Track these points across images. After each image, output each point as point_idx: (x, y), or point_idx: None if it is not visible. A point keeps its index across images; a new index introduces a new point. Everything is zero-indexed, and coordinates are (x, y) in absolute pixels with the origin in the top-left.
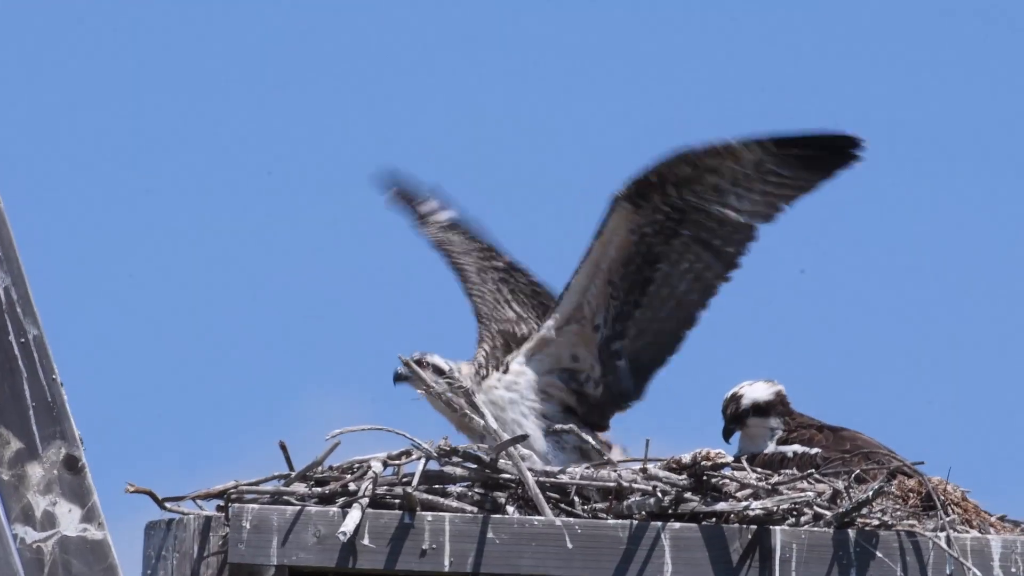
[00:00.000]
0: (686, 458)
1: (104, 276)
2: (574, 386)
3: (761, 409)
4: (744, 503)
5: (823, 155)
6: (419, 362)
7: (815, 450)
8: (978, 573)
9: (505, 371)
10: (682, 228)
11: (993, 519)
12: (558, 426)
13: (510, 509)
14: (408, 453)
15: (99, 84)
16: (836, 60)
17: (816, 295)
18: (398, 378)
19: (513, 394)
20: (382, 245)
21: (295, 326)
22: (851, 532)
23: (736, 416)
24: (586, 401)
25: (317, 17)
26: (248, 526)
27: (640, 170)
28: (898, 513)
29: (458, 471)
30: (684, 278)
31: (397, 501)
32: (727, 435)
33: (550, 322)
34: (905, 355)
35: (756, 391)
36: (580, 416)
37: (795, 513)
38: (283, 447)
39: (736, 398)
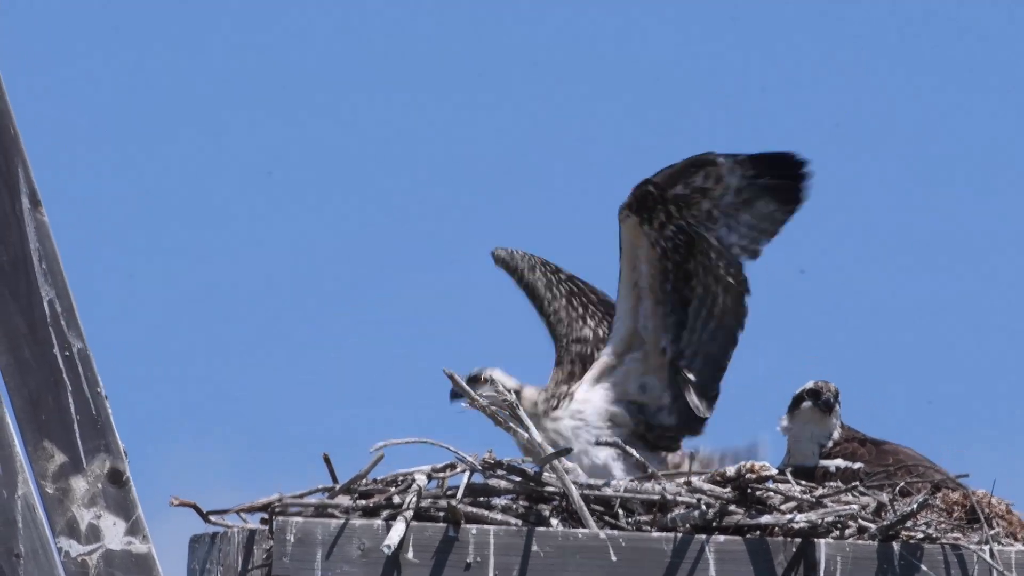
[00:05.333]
0: (731, 471)
1: (148, 288)
2: (643, 417)
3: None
4: (788, 516)
5: (780, 182)
6: (477, 377)
7: (858, 464)
8: None
9: (570, 401)
10: (695, 252)
11: None
12: (603, 438)
13: (554, 522)
14: (452, 466)
15: (136, 92)
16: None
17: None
18: (454, 396)
19: (578, 423)
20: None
21: (336, 345)
22: (895, 545)
23: (836, 395)
24: (658, 429)
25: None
26: (292, 539)
27: (638, 182)
28: (942, 526)
29: (502, 484)
30: (717, 298)
31: (442, 514)
32: (826, 409)
33: (608, 348)
34: (927, 357)
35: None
36: (650, 442)
37: (839, 526)
38: (327, 459)
39: (829, 384)
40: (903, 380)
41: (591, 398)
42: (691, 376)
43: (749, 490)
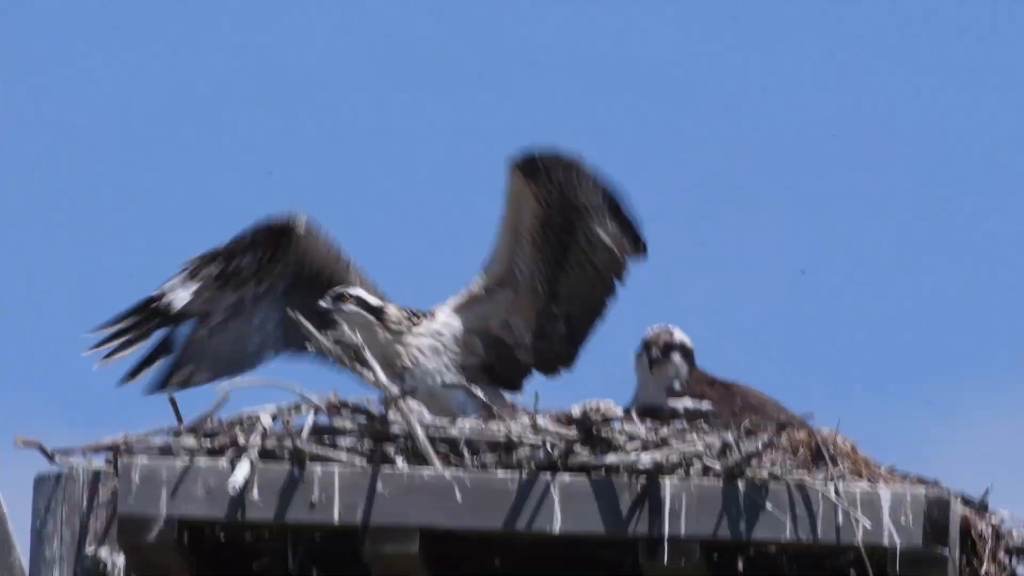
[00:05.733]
0: (576, 411)
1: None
2: (498, 351)
3: (685, 350)
4: (634, 455)
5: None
6: (341, 296)
7: (705, 404)
8: (868, 524)
9: (431, 320)
10: (576, 221)
11: (882, 470)
12: (449, 381)
13: (399, 461)
14: (298, 407)
15: (132, 93)
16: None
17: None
18: (323, 312)
19: (437, 343)
20: None
21: None
22: (740, 484)
23: (668, 347)
24: (509, 362)
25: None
26: (137, 479)
27: (531, 152)
28: (788, 465)
29: (347, 424)
30: (597, 253)
31: (287, 454)
32: (653, 366)
33: (478, 280)
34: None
35: (682, 333)
36: (497, 374)
37: (684, 465)
38: (172, 401)
39: (668, 331)
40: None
41: (451, 323)
42: (561, 321)
43: (594, 430)
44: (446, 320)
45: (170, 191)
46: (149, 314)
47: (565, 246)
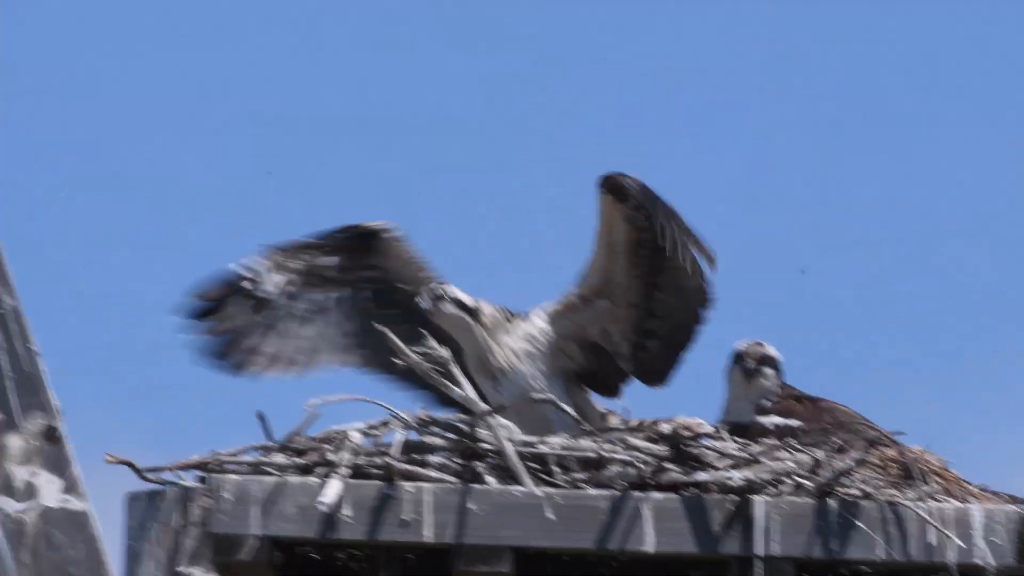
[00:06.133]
0: (665, 428)
1: (81, 246)
2: (596, 358)
3: (776, 364)
4: (724, 473)
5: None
6: (439, 294)
7: (795, 422)
8: (959, 542)
9: (527, 322)
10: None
11: (974, 489)
12: (535, 395)
13: (490, 479)
14: (386, 423)
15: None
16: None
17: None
18: (420, 309)
19: (532, 348)
20: None
21: None
22: (832, 502)
23: (762, 358)
24: (607, 368)
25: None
26: (229, 496)
27: (616, 174)
28: (878, 483)
29: (438, 441)
30: (687, 276)
31: (377, 471)
32: (747, 377)
33: (575, 290)
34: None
35: (772, 347)
36: (596, 381)
37: (776, 483)
38: (261, 417)
39: (760, 344)
40: (844, 336)
41: (546, 328)
42: (656, 337)
43: (685, 447)
44: (542, 325)
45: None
46: (234, 290)
47: (658, 267)
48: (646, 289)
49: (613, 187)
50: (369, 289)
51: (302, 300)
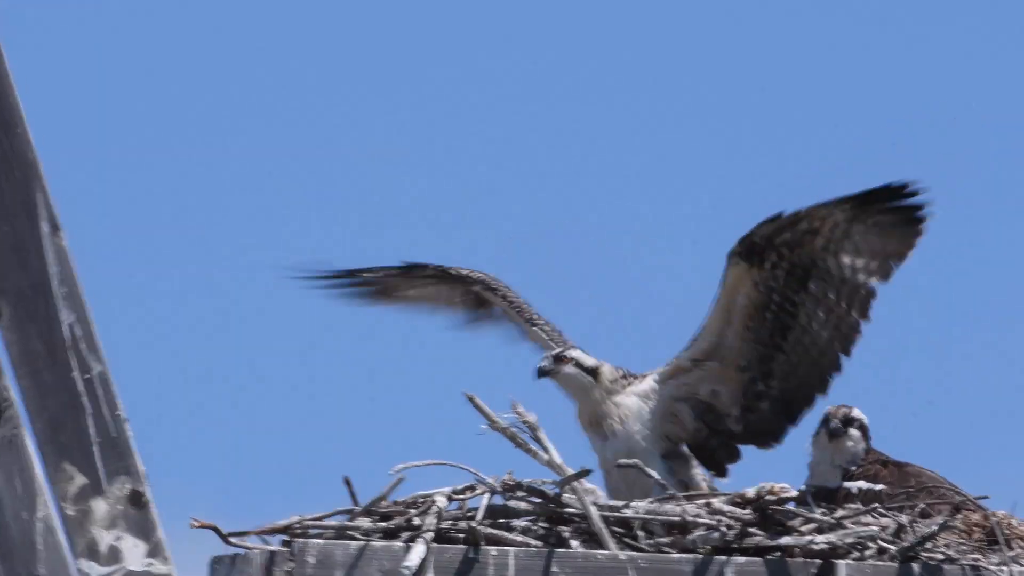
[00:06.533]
0: (750, 492)
1: (167, 312)
2: (709, 419)
3: (862, 427)
4: (808, 537)
5: (893, 219)
6: (561, 357)
7: (880, 486)
8: None
9: (640, 383)
10: (810, 282)
11: None
12: (622, 460)
13: (574, 543)
14: (472, 488)
15: (150, 108)
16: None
17: None
18: (541, 373)
19: (644, 406)
20: None
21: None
22: (915, 566)
23: (847, 420)
24: (723, 435)
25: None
26: (313, 561)
27: (746, 232)
28: (962, 547)
29: (522, 505)
30: (825, 326)
31: (462, 536)
32: (833, 436)
33: (685, 353)
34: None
35: (860, 412)
36: (709, 449)
37: (859, 547)
38: (347, 482)
39: (847, 407)
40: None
41: (659, 388)
42: (771, 395)
43: (769, 511)
44: (654, 385)
45: (189, 214)
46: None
47: (784, 327)
48: (763, 351)
49: (745, 251)
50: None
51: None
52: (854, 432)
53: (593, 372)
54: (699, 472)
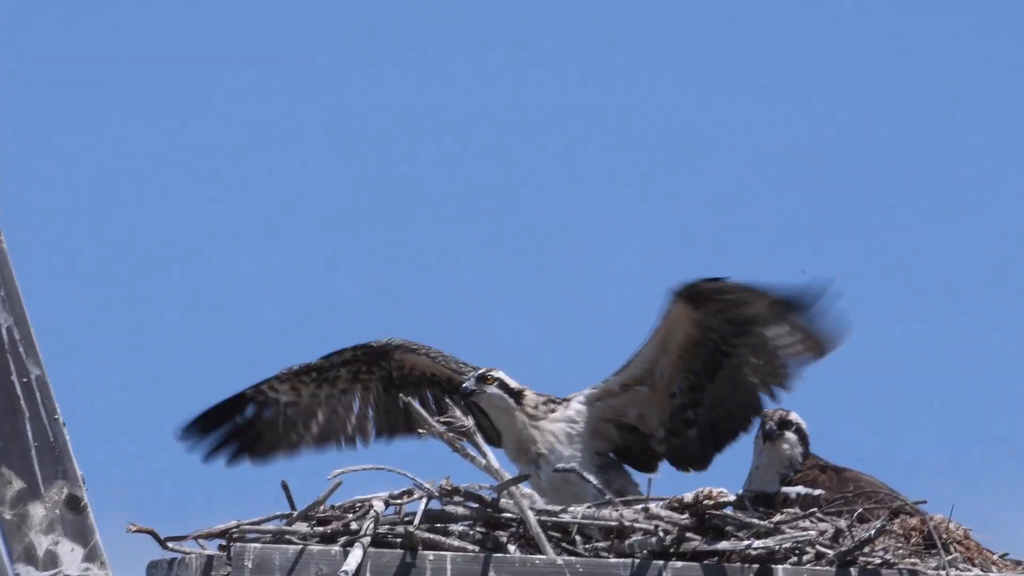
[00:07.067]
0: (688, 497)
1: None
2: (632, 438)
3: (800, 431)
4: (746, 542)
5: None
6: (484, 377)
7: (818, 491)
8: None
9: (566, 408)
10: (742, 339)
11: (995, 557)
12: (560, 465)
13: (512, 548)
14: (409, 492)
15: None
16: None
17: None
18: (465, 393)
19: (571, 430)
20: None
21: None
22: (853, 571)
23: (784, 422)
24: (643, 450)
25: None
26: (250, 565)
27: (694, 279)
28: (900, 552)
29: (460, 510)
30: (753, 374)
31: (399, 540)
32: (768, 438)
33: (614, 378)
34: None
35: (797, 415)
36: (632, 457)
37: (797, 552)
38: (285, 487)
39: (784, 410)
40: (864, 408)
41: (585, 411)
42: (700, 422)
43: (707, 516)
44: (580, 408)
45: (181, 229)
46: (240, 404)
47: (716, 364)
48: (694, 381)
49: (689, 294)
50: (386, 382)
51: (317, 396)
52: (790, 436)
53: (517, 395)
54: (635, 483)
